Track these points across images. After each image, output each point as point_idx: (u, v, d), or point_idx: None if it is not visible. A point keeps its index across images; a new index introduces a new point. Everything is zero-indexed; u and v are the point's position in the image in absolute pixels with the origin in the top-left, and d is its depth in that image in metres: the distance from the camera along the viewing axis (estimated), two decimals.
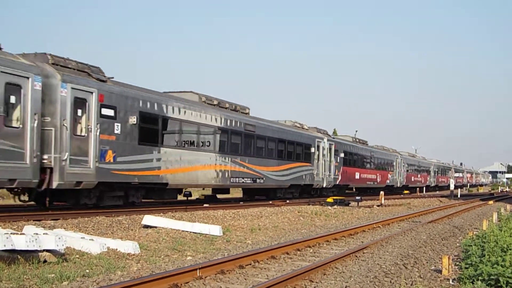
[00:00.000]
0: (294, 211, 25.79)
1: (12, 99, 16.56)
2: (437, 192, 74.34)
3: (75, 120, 18.68)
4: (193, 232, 16.61)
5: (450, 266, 11.55)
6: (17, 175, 16.43)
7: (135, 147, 21.25)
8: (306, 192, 37.96)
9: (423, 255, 14.34)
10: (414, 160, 70.60)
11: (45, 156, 17.54)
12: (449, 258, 11.61)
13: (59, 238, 11.16)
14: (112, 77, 21.09)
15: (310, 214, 25.55)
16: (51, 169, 17.65)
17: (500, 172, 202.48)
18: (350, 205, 32.42)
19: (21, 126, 16.63)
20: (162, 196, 24.37)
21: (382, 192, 37.62)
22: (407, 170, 64.32)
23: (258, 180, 30.52)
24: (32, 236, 10.78)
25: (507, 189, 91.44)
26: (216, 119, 26.63)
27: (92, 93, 19.24)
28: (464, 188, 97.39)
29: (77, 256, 11.88)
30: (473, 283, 9.88)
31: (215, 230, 16.89)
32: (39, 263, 10.80)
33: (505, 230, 15.08)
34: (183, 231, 16.66)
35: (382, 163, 54.59)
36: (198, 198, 31.97)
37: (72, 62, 19.33)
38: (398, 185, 60.14)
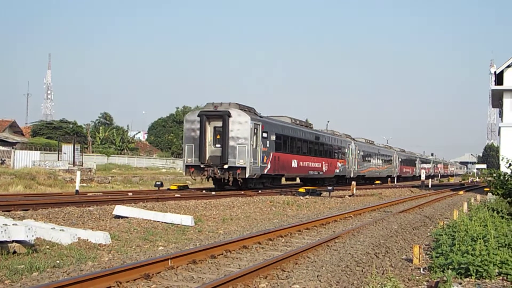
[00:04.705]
0: (266, 201, 25.82)
1: (348, 150, 50.43)
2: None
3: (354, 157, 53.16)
4: (165, 222, 16.56)
5: (421, 256, 11.65)
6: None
7: (361, 162, 55.50)
8: (387, 178, 69.23)
9: (394, 244, 14.46)
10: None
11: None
12: (420, 247, 11.72)
13: (29, 229, 11.03)
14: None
15: (282, 204, 25.61)
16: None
17: (470, 162, 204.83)
18: (321, 195, 32.59)
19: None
20: (360, 180, 55.83)
21: (354, 182, 37.91)
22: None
23: (380, 173, 65.35)
24: (1, 227, 10.64)
25: (477, 180, 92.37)
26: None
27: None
28: (435, 178, 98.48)
29: (48, 247, 11.76)
30: (443, 272, 9.99)
31: (187, 220, 16.84)
32: (9, 254, 10.67)
33: (475, 219, 15.27)
34: (154, 221, 16.58)
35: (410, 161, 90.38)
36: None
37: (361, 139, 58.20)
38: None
